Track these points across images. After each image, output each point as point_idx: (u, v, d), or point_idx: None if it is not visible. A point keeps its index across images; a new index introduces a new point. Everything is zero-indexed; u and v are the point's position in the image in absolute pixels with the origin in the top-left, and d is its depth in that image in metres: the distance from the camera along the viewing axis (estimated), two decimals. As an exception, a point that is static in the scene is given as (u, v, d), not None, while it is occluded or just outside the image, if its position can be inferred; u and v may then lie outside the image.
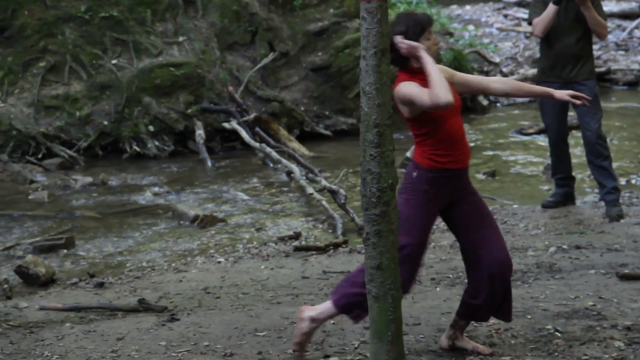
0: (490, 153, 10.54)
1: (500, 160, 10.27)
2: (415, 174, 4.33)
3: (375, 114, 3.85)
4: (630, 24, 16.92)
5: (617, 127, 11.18)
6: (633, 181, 9.04)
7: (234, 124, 10.94)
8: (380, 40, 3.81)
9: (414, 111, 4.28)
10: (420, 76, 4.27)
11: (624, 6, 18.32)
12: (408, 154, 9.88)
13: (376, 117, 3.84)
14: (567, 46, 7.38)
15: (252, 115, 10.97)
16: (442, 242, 6.96)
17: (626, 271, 5.77)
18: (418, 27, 4.34)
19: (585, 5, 7.24)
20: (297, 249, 7.07)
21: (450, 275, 6.02)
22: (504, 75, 13.62)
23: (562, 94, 4.61)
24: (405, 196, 4.32)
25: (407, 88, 4.23)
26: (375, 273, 3.96)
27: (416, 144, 4.38)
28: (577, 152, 8.61)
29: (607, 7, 17.63)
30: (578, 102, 4.57)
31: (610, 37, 15.41)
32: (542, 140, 10.36)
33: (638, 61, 14.01)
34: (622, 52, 15.23)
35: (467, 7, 21.29)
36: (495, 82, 4.62)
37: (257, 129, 10.83)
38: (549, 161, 8.35)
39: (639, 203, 8.09)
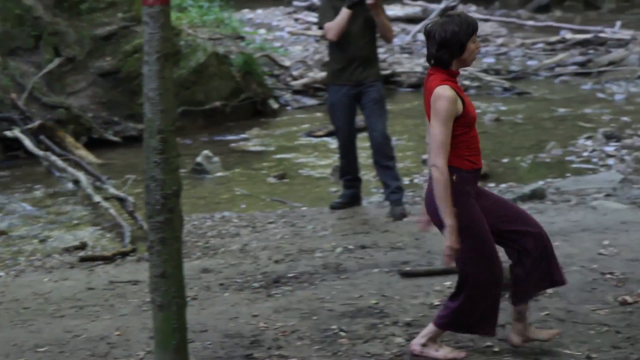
0: (280, 156, 10.65)
1: (290, 163, 10.39)
2: (455, 177, 4.29)
3: (158, 120, 3.78)
4: (414, 28, 17.54)
5: (402, 128, 11.54)
6: (416, 180, 9.35)
7: (16, 132, 10.53)
8: (163, 45, 3.74)
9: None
10: (453, 79, 4.31)
11: (409, 11, 18.99)
12: (199, 159, 9.84)
13: (160, 124, 3.78)
14: (358, 49, 7.55)
15: (37, 123, 10.61)
16: (231, 247, 6.95)
17: (408, 269, 5.95)
18: (470, 28, 4.32)
19: (376, 10, 7.43)
20: (83, 259, 6.87)
21: (239, 280, 6.02)
22: (294, 78, 13.79)
23: None
24: (458, 208, 4.25)
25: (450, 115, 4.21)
26: (160, 281, 3.90)
27: (452, 148, 4.28)
28: (363, 153, 8.80)
29: (393, 11, 18.24)
30: None
31: (395, 40, 15.90)
32: (331, 143, 10.56)
33: (422, 64, 14.53)
34: (407, 55, 15.76)
35: (259, 11, 21.46)
36: None
37: (42, 137, 10.47)
38: (337, 163, 8.51)
39: (421, 202, 8.38)
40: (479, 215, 4.37)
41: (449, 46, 4.29)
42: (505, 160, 9.91)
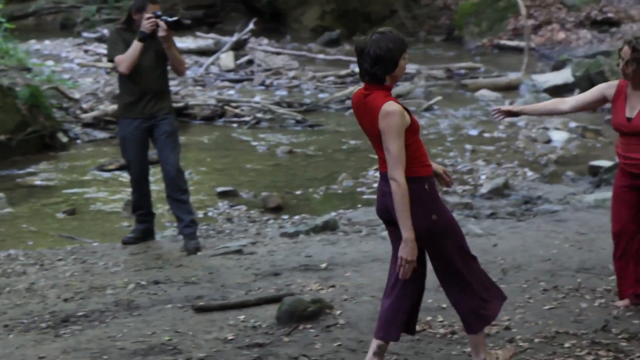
0: (70, 191, 10.34)
1: (81, 197, 10.11)
2: (426, 185, 4.42)
3: None
4: (206, 60, 17.55)
5: (195, 160, 11.48)
6: (210, 214, 9.31)
7: None
8: None
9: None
10: (390, 94, 4.44)
11: (201, 43, 18.98)
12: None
13: None
14: (150, 82, 7.45)
15: None
16: (17, 286, 6.65)
17: (201, 303, 5.89)
18: (402, 45, 4.45)
19: (167, 43, 7.36)
20: None
21: (25, 321, 5.77)
22: (84, 111, 13.46)
23: None
24: (435, 211, 4.43)
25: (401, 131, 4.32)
26: None
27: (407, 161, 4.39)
28: (156, 187, 8.68)
29: (185, 44, 18.17)
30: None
31: (188, 73, 15.85)
32: (123, 177, 10.35)
33: (214, 96, 14.54)
34: (200, 88, 15.73)
35: (47, 42, 20.85)
36: None
37: None
38: (129, 197, 8.34)
39: (215, 235, 8.35)
40: (452, 214, 4.62)
41: (383, 62, 4.41)
42: (298, 192, 10.03)
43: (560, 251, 7.18)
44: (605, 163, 10.11)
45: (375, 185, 10.12)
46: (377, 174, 10.30)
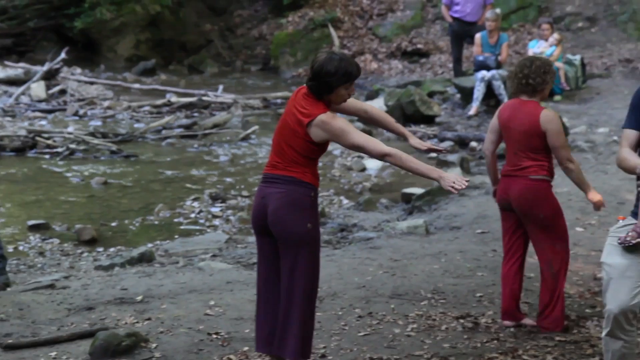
0: None
1: None
2: (313, 194, 4.80)
3: None
4: (16, 90, 17.00)
5: (5, 193, 11.08)
6: (21, 248, 8.99)
7: None
8: None
9: (325, 139, 4.76)
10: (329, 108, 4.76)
11: (10, 73, 18.36)
12: None
13: None
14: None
15: None
16: None
17: (10, 341, 5.67)
18: (346, 76, 4.71)
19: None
20: None
21: None
22: None
23: (417, 142, 5.20)
24: (311, 220, 4.77)
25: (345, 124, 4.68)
26: None
27: (305, 167, 4.80)
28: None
29: (-6, 73, 17.54)
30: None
31: (-3, 103, 15.33)
32: None
33: (25, 127, 14.09)
34: (9, 119, 15.21)
35: None
36: (368, 106, 5.23)
37: None
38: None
39: (26, 270, 8.07)
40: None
41: (319, 81, 4.71)
42: (114, 224, 9.83)
43: (374, 278, 7.33)
44: (417, 190, 10.42)
45: (193, 215, 10.07)
46: (195, 204, 10.31)
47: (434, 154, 12.55)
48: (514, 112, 6.09)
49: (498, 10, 15.18)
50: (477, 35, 15.03)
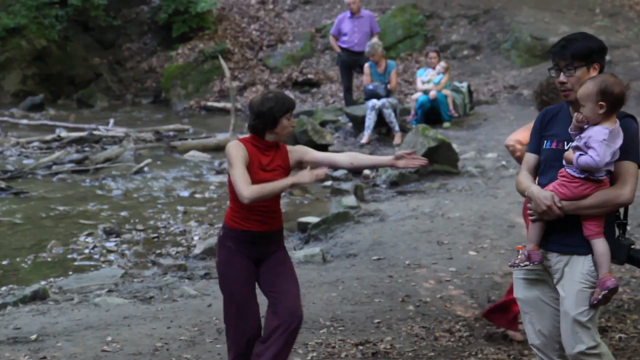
0: None
1: None
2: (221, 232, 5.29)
3: None
4: None
5: None
6: None
7: None
8: None
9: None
10: (263, 149, 5.14)
11: None
12: None
13: None
14: None
15: None
16: None
17: None
18: (285, 106, 5.11)
19: None
20: None
21: None
22: None
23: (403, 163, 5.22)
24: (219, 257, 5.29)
25: (235, 159, 5.03)
26: None
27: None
28: None
29: None
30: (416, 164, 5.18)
31: None
32: None
33: None
34: None
35: None
36: (341, 156, 5.40)
37: None
38: None
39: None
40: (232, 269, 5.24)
41: (262, 118, 5.10)
42: (5, 262, 9.59)
43: (273, 307, 7.33)
44: (313, 219, 10.48)
45: (87, 251, 9.91)
46: (89, 239, 10.14)
47: (327, 182, 12.69)
48: None
49: (375, 40, 15.40)
50: (366, 65, 15.27)
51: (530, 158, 4.68)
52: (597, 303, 4.42)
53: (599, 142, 4.37)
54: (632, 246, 4.49)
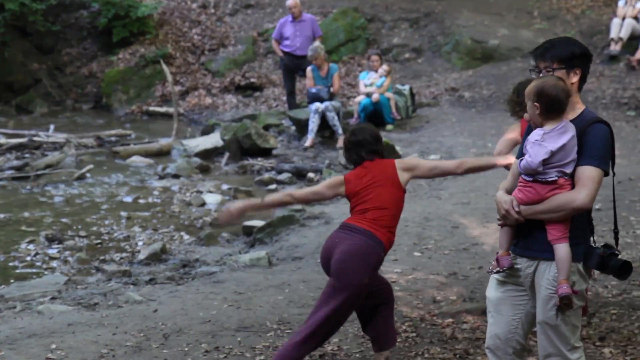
0: None
1: None
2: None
3: None
4: None
5: None
6: None
7: None
8: None
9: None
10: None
11: None
12: None
13: None
14: None
15: None
16: None
17: None
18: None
19: None
20: None
21: None
22: None
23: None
24: None
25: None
26: None
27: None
28: None
29: None
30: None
31: None
32: None
33: None
34: None
35: None
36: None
37: None
38: None
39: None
40: None
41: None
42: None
43: (219, 312, 7.32)
44: (258, 223, 10.47)
45: (29, 258, 9.79)
46: (30, 246, 10.01)
47: (272, 186, 12.68)
48: None
49: (317, 43, 15.45)
50: (308, 69, 15.29)
51: (514, 165, 4.63)
52: (560, 309, 4.40)
53: (532, 143, 4.42)
54: (613, 254, 4.43)
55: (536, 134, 4.45)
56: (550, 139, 4.39)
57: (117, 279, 8.77)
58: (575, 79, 4.51)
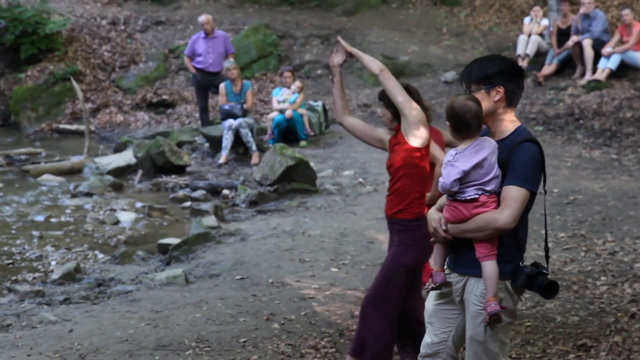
0: None
1: None
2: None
3: None
4: None
5: None
6: None
7: None
8: None
9: None
10: None
11: None
12: None
13: None
14: None
15: None
16: None
17: None
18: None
19: None
20: None
21: None
22: None
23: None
24: None
25: None
26: None
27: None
28: None
29: None
30: None
31: None
32: None
33: None
34: None
35: None
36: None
37: None
38: None
39: None
40: None
41: None
42: None
43: (137, 331, 7.25)
44: (174, 240, 10.41)
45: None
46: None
47: (187, 203, 12.62)
48: None
49: (232, 60, 15.54)
50: (222, 85, 15.29)
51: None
52: (489, 325, 4.46)
53: (445, 164, 4.51)
54: (541, 273, 4.47)
55: (449, 154, 4.52)
56: (463, 158, 4.44)
57: (30, 300, 8.61)
58: (497, 97, 4.53)
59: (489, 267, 4.44)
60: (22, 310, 8.20)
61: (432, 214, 4.62)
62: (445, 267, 4.70)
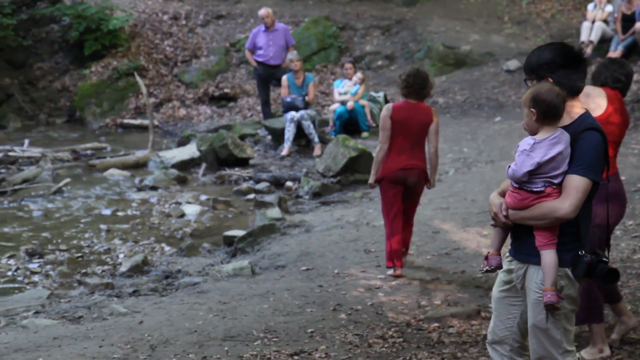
0: None
1: None
2: None
3: None
4: None
5: None
6: None
7: None
8: None
9: None
10: None
11: None
12: None
13: None
14: None
15: None
16: None
17: None
18: None
19: None
20: None
21: None
22: None
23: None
24: None
25: None
26: None
27: None
28: None
29: None
30: None
31: None
32: None
33: None
34: None
35: None
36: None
37: None
38: None
39: None
40: None
41: None
42: None
43: (205, 322, 7.32)
44: (239, 232, 10.48)
45: (10, 273, 9.76)
46: (11, 261, 9.96)
47: (250, 195, 12.70)
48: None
49: (295, 52, 15.61)
50: (284, 77, 15.35)
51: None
52: (549, 312, 4.44)
53: (520, 152, 4.44)
54: (601, 261, 4.45)
55: (526, 142, 4.45)
56: (539, 149, 4.39)
57: (100, 292, 8.75)
58: None
59: (548, 256, 4.41)
60: (93, 302, 8.33)
61: (493, 199, 4.60)
62: (507, 254, 4.69)
